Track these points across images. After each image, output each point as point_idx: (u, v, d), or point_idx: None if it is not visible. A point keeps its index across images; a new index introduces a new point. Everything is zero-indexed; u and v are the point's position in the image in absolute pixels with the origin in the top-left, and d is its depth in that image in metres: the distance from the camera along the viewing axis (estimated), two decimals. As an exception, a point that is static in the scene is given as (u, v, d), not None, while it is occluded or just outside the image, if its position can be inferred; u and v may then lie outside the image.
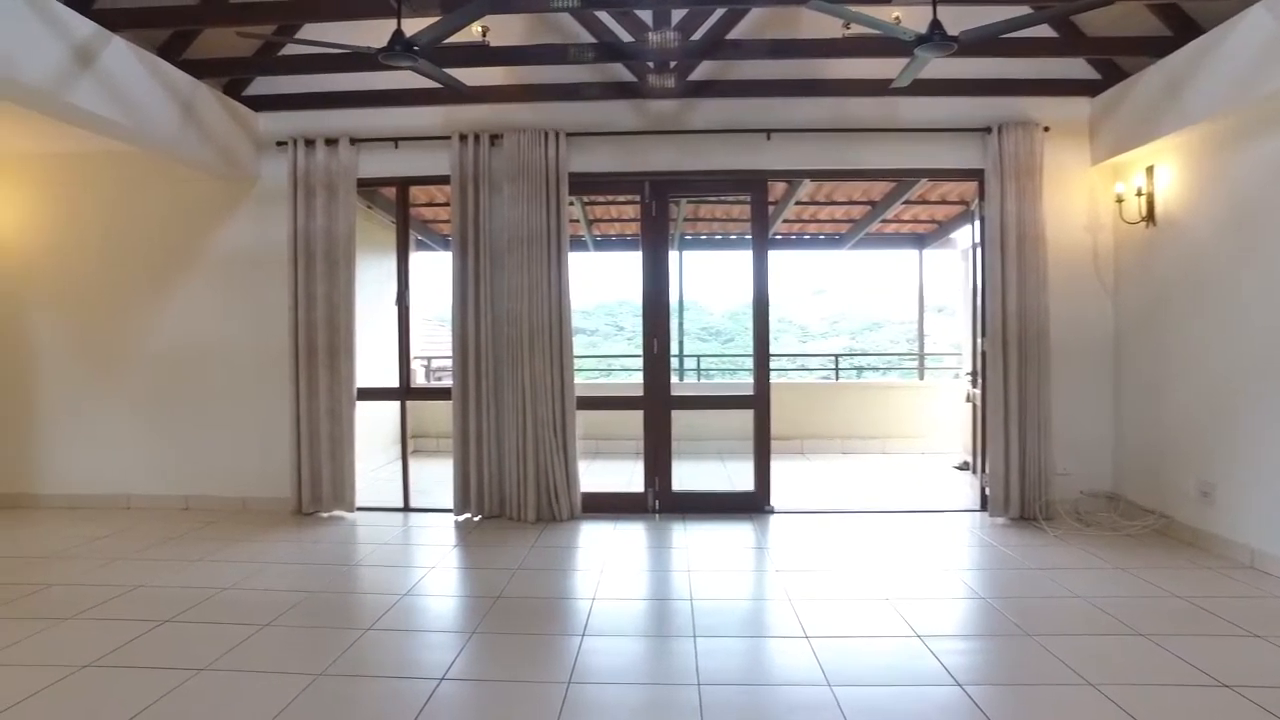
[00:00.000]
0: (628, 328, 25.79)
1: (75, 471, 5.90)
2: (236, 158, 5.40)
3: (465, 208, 5.42)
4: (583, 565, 4.38)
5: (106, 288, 5.86)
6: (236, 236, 5.73)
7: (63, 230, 5.90)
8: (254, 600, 3.75)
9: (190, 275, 5.77)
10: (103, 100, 4.17)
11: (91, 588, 3.97)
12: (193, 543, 4.83)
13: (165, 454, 5.82)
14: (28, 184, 5.93)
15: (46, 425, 5.92)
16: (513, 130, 5.34)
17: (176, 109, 4.75)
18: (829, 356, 18.71)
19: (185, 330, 5.79)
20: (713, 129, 5.39)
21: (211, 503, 5.76)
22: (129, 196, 5.82)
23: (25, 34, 3.71)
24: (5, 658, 3.11)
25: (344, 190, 5.51)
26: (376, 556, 4.55)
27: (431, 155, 5.52)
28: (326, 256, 5.51)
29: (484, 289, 5.40)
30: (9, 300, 5.94)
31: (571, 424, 5.39)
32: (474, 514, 5.44)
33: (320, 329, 5.51)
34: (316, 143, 5.48)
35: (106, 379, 5.86)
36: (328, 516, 5.52)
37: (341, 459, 5.55)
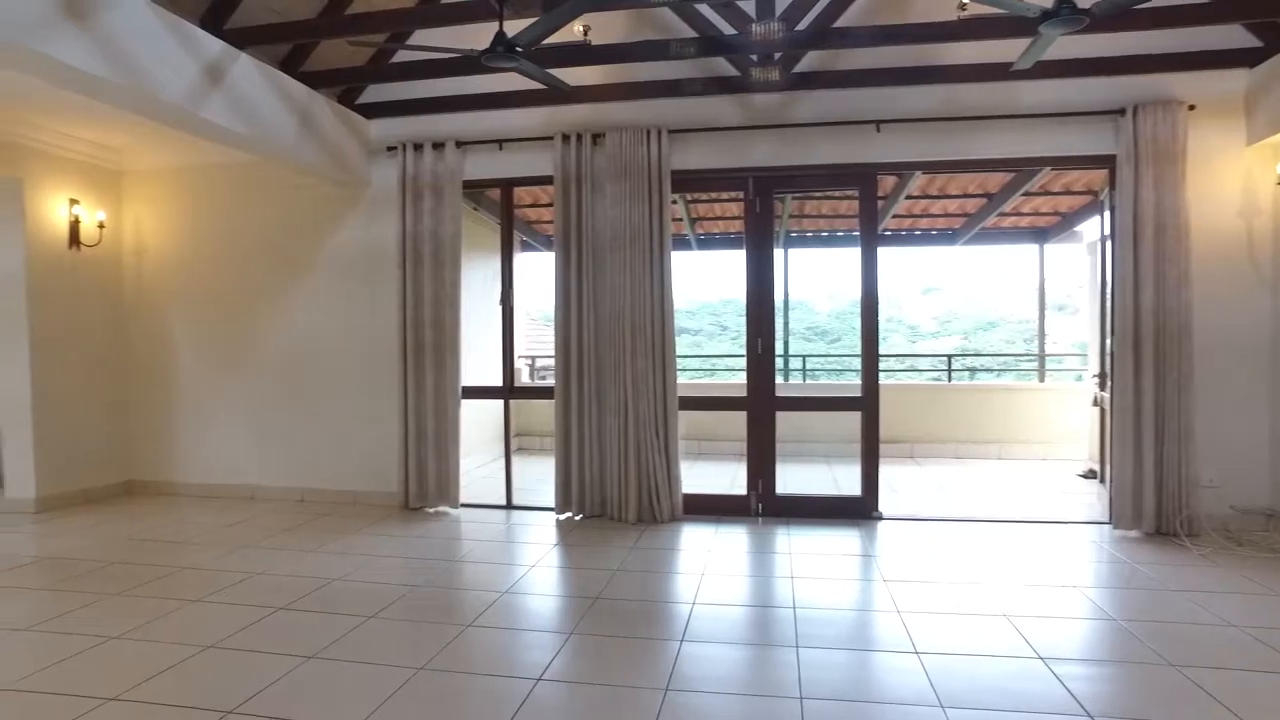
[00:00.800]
0: (732, 327, 25.56)
1: (208, 463, 6.28)
2: (350, 163, 5.61)
3: (568, 207, 5.44)
4: (683, 568, 4.30)
5: (232, 290, 6.21)
6: (349, 239, 5.95)
7: (195, 236, 6.30)
8: (362, 592, 3.86)
9: (307, 277, 6.04)
10: (229, 114, 4.40)
11: (218, 572, 4.18)
12: (308, 534, 5.04)
13: (284, 449, 6.11)
14: (165, 195, 6.35)
15: (185, 419, 6.33)
16: (614, 129, 5.32)
17: (295, 119, 4.97)
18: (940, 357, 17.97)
19: (302, 330, 6.06)
20: (818, 121, 5.21)
21: (325, 496, 6.01)
22: (252, 204, 6.15)
23: (165, 55, 3.95)
24: (143, 633, 3.31)
25: (450, 193, 5.63)
26: (478, 553, 4.62)
27: (535, 156, 5.57)
28: (434, 257, 5.65)
29: (586, 288, 5.41)
30: (153, 303, 6.38)
31: (673, 424, 5.33)
32: (575, 513, 5.45)
33: (427, 328, 5.66)
34: (424, 147, 5.62)
35: (234, 376, 6.21)
36: (433, 512, 5.65)
37: (446, 456, 5.68)
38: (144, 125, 5.41)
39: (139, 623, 3.45)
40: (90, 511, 5.71)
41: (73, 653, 3.15)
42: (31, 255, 5.70)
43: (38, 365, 5.73)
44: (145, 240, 6.40)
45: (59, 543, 4.88)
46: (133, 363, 6.45)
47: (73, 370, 6.00)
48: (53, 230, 5.85)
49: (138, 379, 6.44)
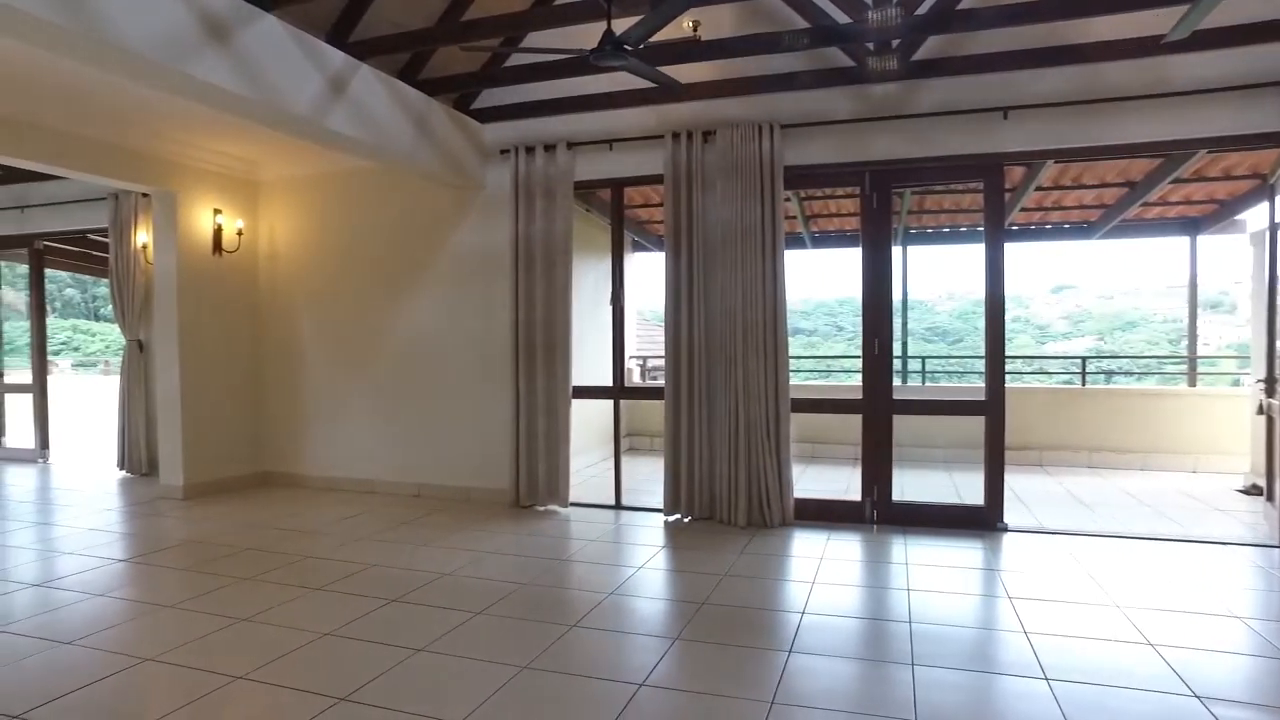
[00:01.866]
0: (848, 328, 24.88)
1: (331, 457, 6.59)
2: (464, 167, 5.75)
3: (678, 206, 5.39)
4: (793, 575, 4.17)
5: (355, 291, 6.49)
6: (464, 241, 6.11)
7: (321, 241, 6.63)
8: (470, 588, 3.93)
9: (425, 278, 6.24)
10: (352, 123, 4.59)
11: (337, 563, 4.37)
12: (422, 528, 5.20)
13: (402, 445, 6.34)
14: (295, 203, 6.72)
15: (311, 415, 6.68)
16: (725, 125, 5.23)
17: (412, 125, 5.13)
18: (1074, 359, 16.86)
19: (420, 330, 6.27)
20: (940, 111, 4.95)
21: (439, 491, 6.19)
22: (373, 209, 6.42)
23: (294, 70, 4.16)
24: (268, 618, 3.48)
25: (561, 194, 5.69)
26: (586, 553, 4.63)
27: (645, 155, 5.55)
28: (545, 258, 5.73)
29: (697, 287, 5.35)
30: (284, 305, 6.77)
31: (786, 426, 5.19)
32: (683, 515, 5.40)
33: (539, 328, 5.74)
34: (536, 149, 5.70)
35: (356, 374, 6.50)
36: (543, 510, 5.72)
37: (556, 455, 5.74)
38: (276, 137, 5.74)
39: (265, 607, 3.64)
40: (228, 499, 6.11)
41: (208, 631, 3.35)
42: (182, 261, 6.15)
43: (186, 363, 6.18)
44: (278, 245, 6.79)
45: (201, 527, 5.23)
46: (266, 361, 6.85)
47: (215, 368, 6.44)
48: (199, 238, 6.29)
49: (271, 376, 6.84)
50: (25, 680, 2.90)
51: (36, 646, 3.22)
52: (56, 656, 3.12)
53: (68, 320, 25.40)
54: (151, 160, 5.92)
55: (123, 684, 2.85)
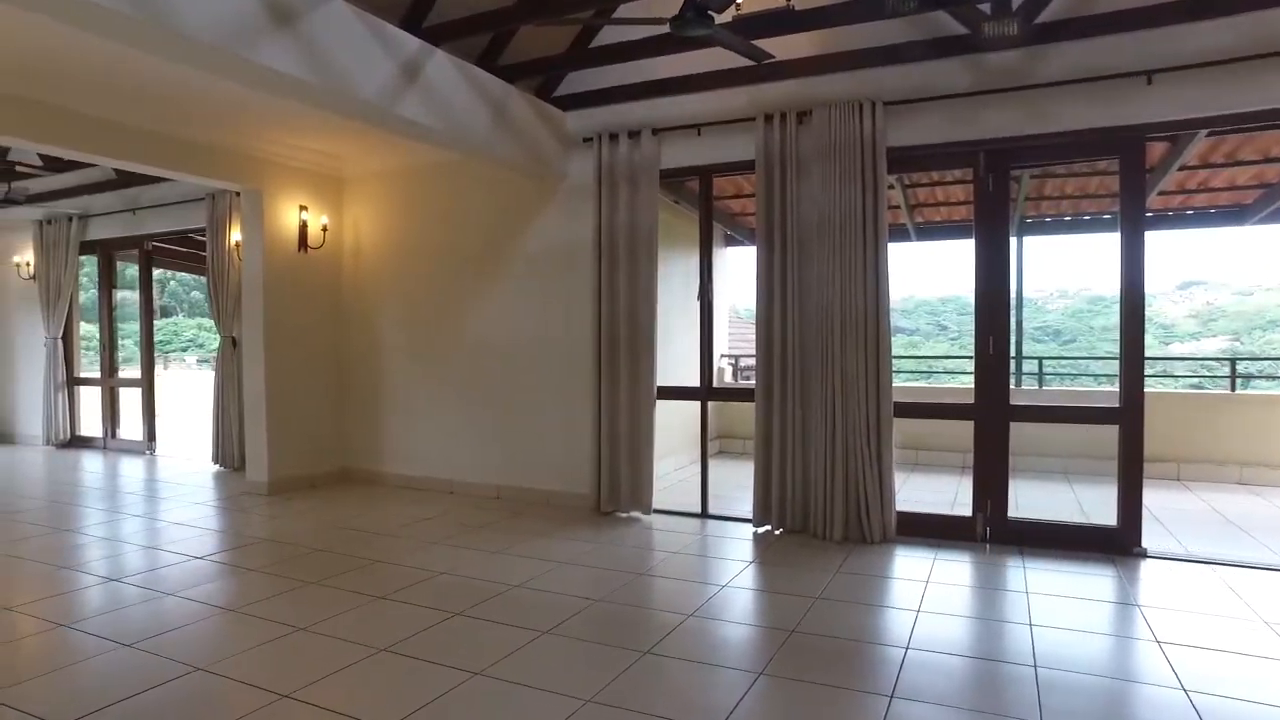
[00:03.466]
0: (952, 327, 23.65)
1: (411, 455, 6.50)
2: (545, 156, 5.52)
3: (770, 193, 5.00)
4: (896, 601, 3.72)
5: (435, 287, 6.37)
6: (546, 234, 5.89)
7: (404, 236, 6.54)
8: (541, 602, 3.67)
9: (505, 272, 6.05)
10: (424, 109, 4.41)
11: (406, 569, 4.19)
12: (497, 533, 4.99)
13: (481, 444, 6.17)
14: (378, 198, 6.66)
15: (391, 412, 6.60)
16: (822, 105, 4.81)
17: (489, 113, 4.93)
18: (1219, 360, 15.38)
19: (500, 326, 6.08)
20: (1069, 79, 4.37)
21: (519, 494, 5.99)
22: (454, 203, 6.28)
23: (363, 55, 3.99)
24: (327, 628, 3.31)
25: (646, 183, 5.38)
26: (667, 566, 4.30)
27: (735, 140, 5.18)
28: (629, 251, 5.43)
29: (791, 281, 4.94)
30: (366, 301, 6.72)
31: (888, 432, 4.73)
32: (774, 526, 5.00)
33: (622, 325, 5.45)
34: (620, 136, 5.41)
35: (436, 371, 6.38)
36: (625, 517, 5.43)
37: (640, 459, 5.44)
38: (360, 132, 5.66)
39: (326, 615, 3.47)
40: (310, 496, 6.08)
41: (263, 640, 3.20)
42: (268, 258, 6.16)
43: (271, 360, 6.19)
44: (361, 241, 6.75)
45: (278, 525, 5.18)
46: (349, 358, 6.83)
47: (299, 364, 6.44)
48: (285, 234, 6.30)
49: (353, 373, 6.81)
50: (76, 685, 2.80)
51: (97, 647, 3.14)
52: (114, 660, 3.02)
53: (194, 319, 26.91)
54: (240, 158, 5.95)
55: (166, 697, 2.70)
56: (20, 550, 4.58)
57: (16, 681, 2.83)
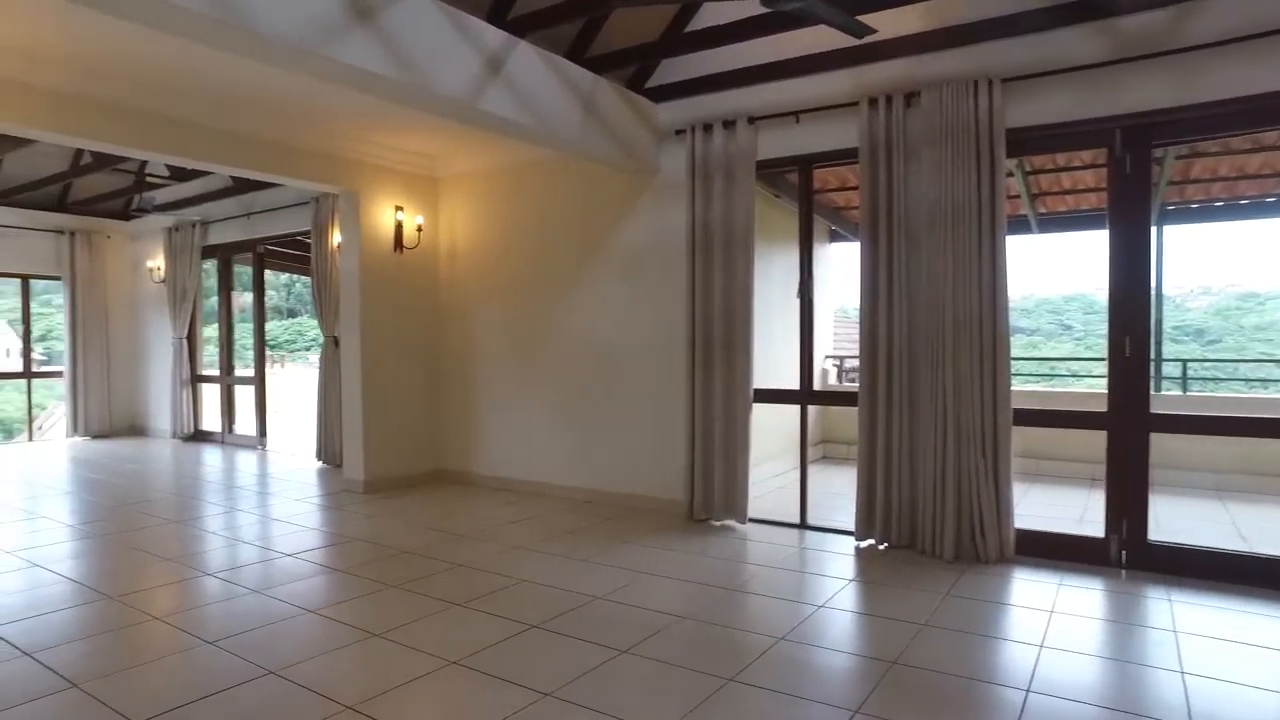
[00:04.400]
0: (1076, 326, 22.07)
1: (504, 457, 6.44)
2: (637, 150, 5.33)
3: (875, 182, 4.64)
4: (1014, 633, 3.32)
5: (527, 285, 6.29)
6: (638, 230, 5.70)
7: (498, 236, 6.49)
8: (621, 617, 3.47)
9: (597, 271, 5.90)
10: (509, 104, 4.29)
11: (487, 574, 4.08)
12: (585, 539, 4.83)
13: (574, 447, 6.04)
14: (472, 197, 6.64)
15: (485, 413, 6.57)
16: (932, 84, 4.41)
17: (578, 106, 4.77)
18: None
19: (591, 325, 5.94)
20: (1225, 39, 3.82)
21: (611, 498, 5.82)
22: (545, 200, 6.18)
23: (445, 49, 3.91)
24: (402, 635, 3.22)
25: (742, 174, 5.11)
26: (760, 581, 4.03)
27: (836, 127, 4.84)
28: (724, 246, 5.18)
29: (897, 276, 4.57)
30: (461, 301, 6.72)
31: (1005, 441, 4.29)
32: (878, 541, 4.64)
33: (717, 323, 5.20)
34: (714, 127, 5.16)
35: (529, 372, 6.30)
36: (719, 525, 5.18)
37: (735, 465, 5.17)
38: (454, 131, 5.64)
39: (403, 622, 3.38)
40: (404, 496, 6.11)
41: (338, 645, 3.14)
42: (364, 260, 6.24)
43: (368, 360, 6.26)
44: (456, 241, 6.75)
45: (369, 524, 5.20)
46: (445, 358, 6.85)
47: (395, 365, 6.49)
48: (381, 235, 6.36)
49: (448, 373, 6.83)
50: (152, 683, 2.79)
51: (181, 643, 3.15)
52: (193, 658, 3.02)
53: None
54: (338, 161, 6.04)
55: (235, 701, 2.65)
56: (131, 540, 4.76)
57: (100, 674, 2.85)
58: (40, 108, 4.59)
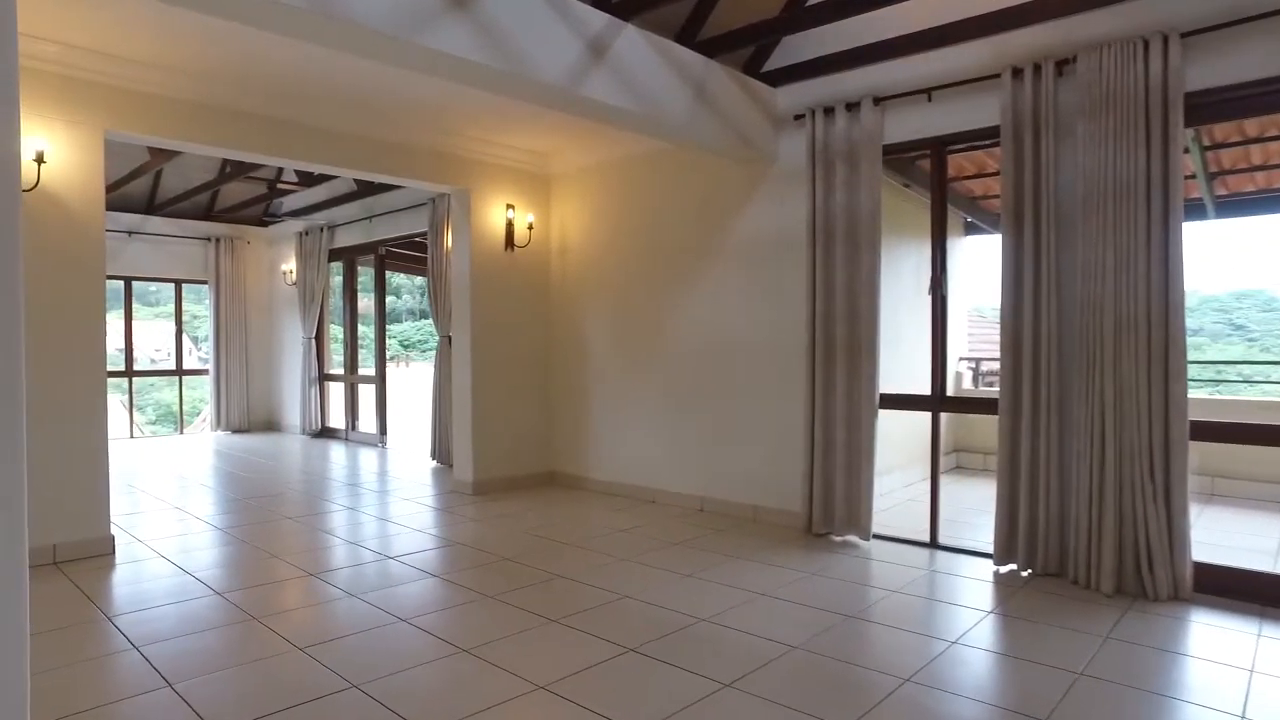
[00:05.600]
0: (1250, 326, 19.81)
1: (615, 460, 6.24)
2: (753, 138, 4.99)
3: (1020, 163, 4.12)
4: (1202, 694, 2.75)
5: (639, 284, 6.06)
6: (754, 223, 5.36)
7: (609, 232, 6.30)
8: (728, 643, 3.15)
9: (712, 267, 5.59)
10: (613, 89, 4.06)
11: (589, 588, 3.85)
12: (694, 552, 4.54)
13: (686, 452, 5.76)
14: (584, 193, 6.47)
15: (596, 415, 6.39)
16: (1089, 47, 3.85)
17: (688, 91, 4.49)
18: None
19: (704, 325, 5.64)
20: None
21: (724, 507, 5.50)
22: (657, 194, 5.93)
23: (545, 34, 3.72)
24: (487, 652, 3.03)
25: (867, 160, 4.68)
26: (884, 609, 3.61)
27: (973, 103, 4.35)
28: (847, 239, 4.76)
29: (1046, 268, 4.04)
30: (572, 299, 6.57)
31: (1180, 460, 3.68)
32: (1021, 567, 4.11)
33: (839, 322, 4.79)
34: (836, 110, 4.76)
35: (640, 373, 6.06)
36: (839, 541, 4.76)
37: (858, 475, 4.75)
38: (566, 127, 5.50)
39: (494, 637, 3.20)
40: (511, 499, 6.00)
41: (424, 659, 2.99)
42: (475, 259, 6.18)
43: (478, 360, 6.21)
44: (568, 239, 6.61)
45: (473, 529, 5.10)
46: (555, 359, 6.71)
47: (506, 365, 6.41)
48: (492, 234, 6.29)
49: (559, 374, 6.69)
50: (238, 689, 2.71)
51: (272, 647, 3.08)
52: (282, 664, 2.94)
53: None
54: (449, 160, 6.01)
55: (311, 714, 2.52)
56: (245, 534, 4.85)
57: (190, 675, 2.80)
58: (186, 120, 4.77)
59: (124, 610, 3.56)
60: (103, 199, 4.48)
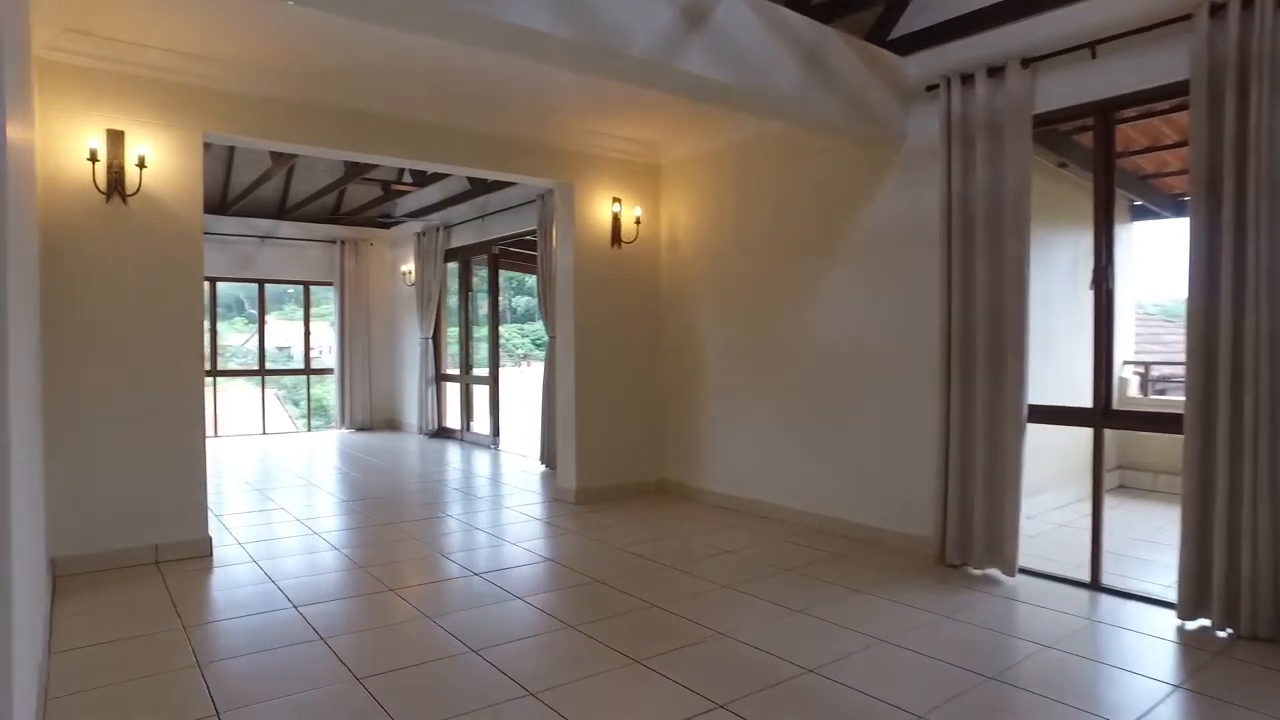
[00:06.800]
0: None
1: (727, 471, 5.77)
2: (877, 114, 4.41)
3: (1217, 124, 3.35)
4: None
5: (753, 281, 5.56)
6: (878, 212, 4.76)
7: (718, 224, 5.84)
8: (840, 705, 2.64)
9: (832, 261, 5.03)
10: (711, 61, 3.60)
11: (682, 622, 3.42)
12: (807, 581, 4.01)
13: (802, 464, 5.22)
14: (694, 184, 6.04)
15: (708, 422, 5.94)
16: (1315, -26, 3.06)
17: (798, 62, 3.96)
18: None
19: (828, 324, 5.08)
20: None
21: (844, 528, 4.93)
22: (772, 181, 5.42)
23: (633, 1, 3.31)
24: (557, 698, 2.66)
25: (1013, 133, 4.00)
26: (1035, 671, 2.97)
27: (1151, 55, 3.60)
28: (989, 226, 4.11)
29: (1251, 257, 3.25)
30: (683, 297, 6.15)
31: None
32: (1217, 624, 3.33)
33: (979, 323, 4.14)
34: (975, 76, 4.10)
35: (755, 379, 5.57)
36: (978, 575, 4.11)
37: (1001, 499, 4.08)
38: (672, 111, 5.13)
39: (567, 679, 2.83)
40: (615, 510, 5.64)
41: (487, 701, 2.66)
42: (579, 256, 5.87)
43: (582, 361, 5.90)
44: (677, 233, 6.19)
45: (569, 544, 4.78)
46: (665, 361, 6.31)
47: (613, 368, 6.07)
48: (598, 229, 5.96)
49: (669, 377, 6.28)
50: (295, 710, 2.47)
51: (334, 675, 2.83)
52: (337, 693, 2.69)
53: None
54: (552, 152, 5.72)
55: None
56: (340, 539, 4.73)
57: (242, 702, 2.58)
58: (282, 119, 4.71)
59: (200, 620, 3.43)
60: (200, 201, 4.46)
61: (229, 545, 4.68)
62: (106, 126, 4.15)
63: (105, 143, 4.12)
